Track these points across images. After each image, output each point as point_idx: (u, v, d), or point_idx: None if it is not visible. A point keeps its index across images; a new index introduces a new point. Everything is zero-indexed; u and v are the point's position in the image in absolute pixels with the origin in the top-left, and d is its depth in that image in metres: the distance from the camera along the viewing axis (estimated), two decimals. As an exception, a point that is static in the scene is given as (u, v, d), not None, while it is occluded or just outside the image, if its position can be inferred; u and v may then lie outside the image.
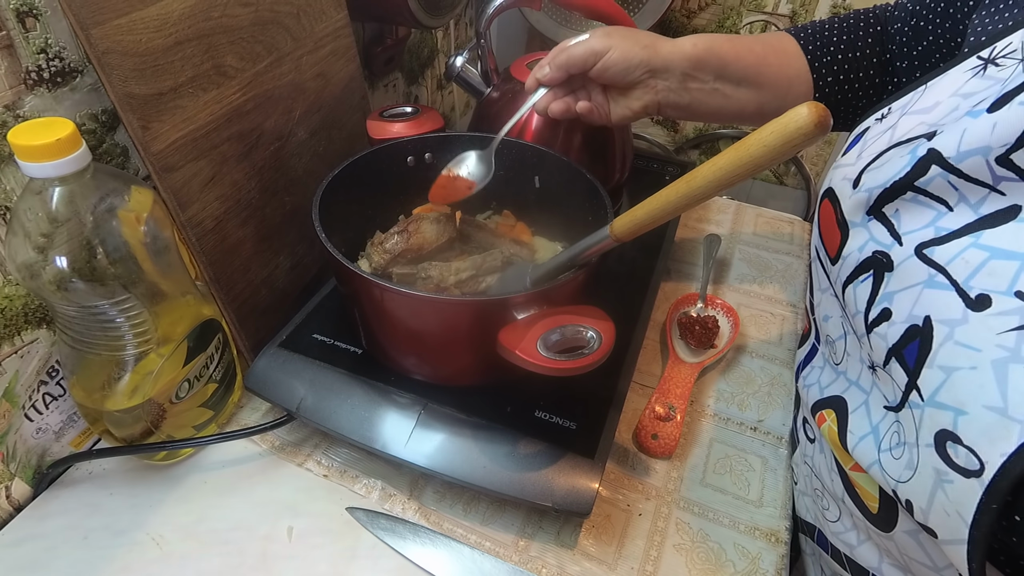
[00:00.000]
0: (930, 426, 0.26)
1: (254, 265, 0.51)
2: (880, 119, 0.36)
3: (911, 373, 0.28)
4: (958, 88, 0.31)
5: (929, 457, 0.26)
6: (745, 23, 0.94)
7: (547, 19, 0.85)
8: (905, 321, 0.29)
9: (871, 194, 0.32)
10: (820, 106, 0.28)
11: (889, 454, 0.30)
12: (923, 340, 0.27)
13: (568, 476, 0.41)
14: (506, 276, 0.48)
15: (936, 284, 0.28)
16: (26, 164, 0.34)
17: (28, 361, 0.43)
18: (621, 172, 0.62)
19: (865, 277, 0.32)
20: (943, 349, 0.26)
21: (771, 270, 0.69)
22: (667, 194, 0.35)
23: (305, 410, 0.45)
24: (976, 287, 0.26)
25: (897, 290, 0.30)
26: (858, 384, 0.35)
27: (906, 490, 0.28)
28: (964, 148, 0.27)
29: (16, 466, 0.44)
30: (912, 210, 0.30)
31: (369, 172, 0.51)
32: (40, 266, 0.36)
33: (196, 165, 0.44)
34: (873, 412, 0.33)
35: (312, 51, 0.55)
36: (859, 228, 0.33)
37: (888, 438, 0.31)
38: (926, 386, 0.27)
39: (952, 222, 0.28)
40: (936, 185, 0.29)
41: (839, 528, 0.41)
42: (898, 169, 0.30)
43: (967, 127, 0.27)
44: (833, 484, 0.39)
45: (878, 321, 0.30)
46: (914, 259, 0.29)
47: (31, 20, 0.38)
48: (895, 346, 0.29)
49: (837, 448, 0.37)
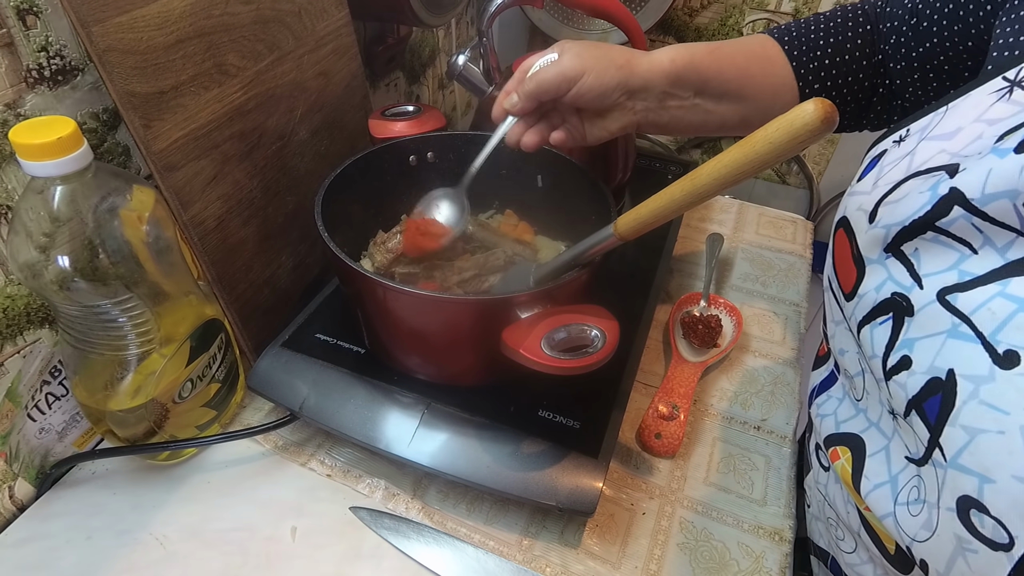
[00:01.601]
0: (952, 489, 0.25)
1: (256, 265, 0.51)
2: (898, 142, 0.33)
3: (932, 429, 0.26)
4: (982, 113, 0.28)
5: (950, 522, 0.25)
6: (748, 21, 0.93)
7: (549, 17, 0.85)
8: (926, 372, 0.27)
9: (888, 231, 0.30)
10: (827, 102, 0.27)
11: (906, 509, 0.28)
12: (945, 395, 0.26)
13: (572, 475, 0.41)
14: (509, 275, 0.48)
15: (960, 335, 0.26)
16: (28, 163, 0.34)
17: (31, 361, 0.43)
18: (624, 172, 0.62)
19: (884, 320, 0.30)
20: (967, 408, 0.25)
21: (774, 269, 0.69)
22: (671, 192, 0.35)
23: (308, 410, 0.45)
24: (1004, 342, 0.24)
25: (918, 337, 0.28)
26: (879, 427, 0.33)
27: (922, 550, 0.27)
28: (990, 190, 0.25)
29: (19, 466, 0.44)
30: (933, 250, 0.28)
31: (371, 171, 0.51)
32: (42, 266, 0.36)
33: (198, 164, 0.44)
34: (893, 461, 0.31)
35: (313, 50, 0.55)
36: (876, 265, 0.31)
37: (907, 492, 0.29)
38: (948, 446, 0.25)
39: (977, 266, 0.26)
40: (959, 227, 0.27)
41: (855, 560, 0.39)
42: (918, 207, 0.28)
43: (992, 167, 0.25)
44: (849, 517, 0.37)
45: (897, 369, 0.29)
46: (936, 305, 0.27)
47: (31, 18, 0.38)
48: (915, 398, 0.27)
49: (850, 490, 0.35)
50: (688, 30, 0.98)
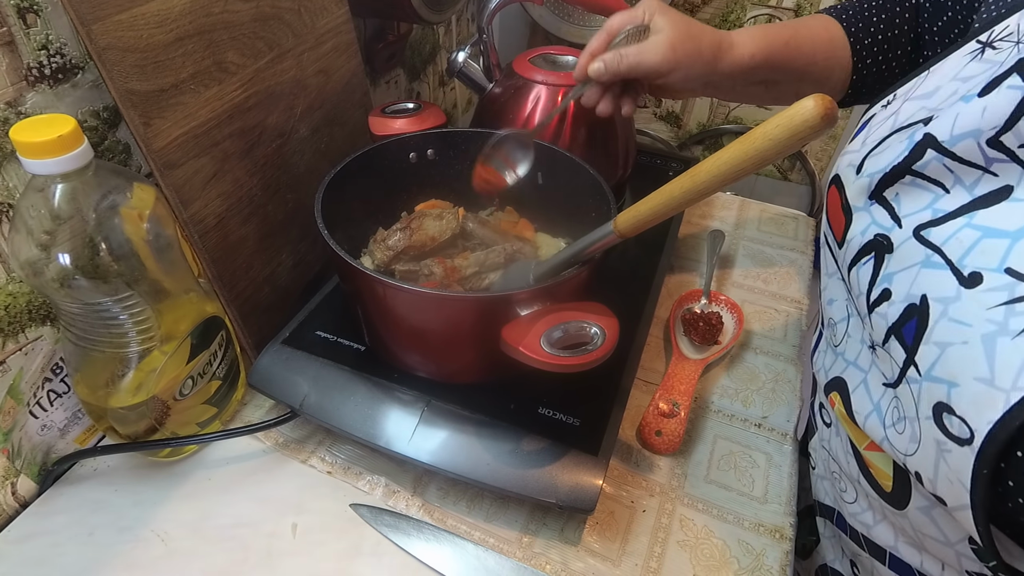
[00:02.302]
0: (928, 399, 0.27)
1: (256, 263, 0.51)
2: (885, 106, 0.36)
3: (909, 350, 0.29)
4: (958, 72, 0.31)
5: (930, 429, 0.27)
6: (749, 16, 0.93)
7: (549, 14, 0.85)
8: (904, 300, 0.30)
9: (872, 179, 0.33)
10: (826, 99, 0.28)
11: (893, 429, 0.31)
12: (920, 318, 0.28)
13: (572, 473, 0.41)
14: (509, 273, 0.48)
15: (932, 264, 0.29)
16: (28, 161, 0.34)
17: (32, 358, 0.43)
18: (624, 168, 0.62)
19: (867, 260, 0.33)
20: (938, 326, 0.27)
21: (775, 266, 0.69)
22: (671, 189, 0.35)
23: (309, 407, 0.45)
24: (969, 265, 0.27)
25: (896, 271, 0.31)
26: (856, 364, 0.36)
27: (914, 462, 0.29)
28: (957, 132, 0.28)
29: (21, 463, 0.44)
30: (911, 193, 0.31)
31: (371, 169, 0.51)
32: (43, 263, 0.36)
33: (198, 162, 0.44)
34: (872, 390, 0.34)
35: (313, 47, 0.54)
36: (862, 212, 0.34)
37: (890, 414, 0.31)
38: (923, 362, 0.28)
39: (948, 204, 0.29)
40: (933, 168, 0.30)
41: (856, 509, 0.42)
42: (897, 154, 0.31)
43: (960, 111, 0.28)
44: (849, 466, 0.40)
45: (879, 301, 0.31)
46: (912, 241, 0.30)
47: (32, 16, 0.38)
48: (894, 325, 0.30)
49: (851, 427, 0.37)
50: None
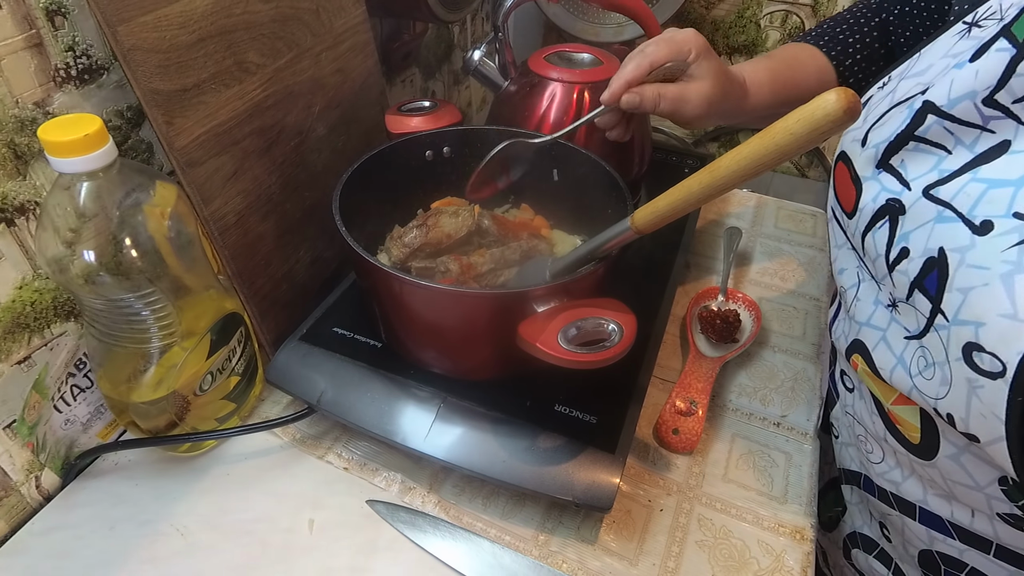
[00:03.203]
0: (956, 342, 0.29)
1: (275, 259, 0.51)
2: (882, 87, 0.39)
3: (934, 300, 0.31)
4: (947, 50, 0.34)
5: (960, 370, 0.29)
6: (765, 13, 0.92)
7: (564, 12, 0.85)
8: (922, 255, 0.31)
9: (878, 149, 0.35)
10: (849, 92, 0.27)
11: (921, 377, 0.32)
12: (940, 269, 0.30)
13: (588, 470, 0.41)
14: (525, 269, 0.48)
15: (945, 218, 0.30)
16: (56, 160, 0.34)
17: (57, 354, 0.44)
18: (640, 166, 0.61)
19: (882, 224, 0.35)
20: (958, 273, 0.29)
21: (793, 263, 0.68)
22: (689, 184, 0.35)
23: (326, 403, 0.46)
24: (979, 215, 0.29)
25: (911, 229, 0.32)
26: (869, 324, 0.38)
27: (945, 405, 0.31)
28: (954, 95, 0.31)
29: (46, 456, 0.45)
30: (916, 158, 0.33)
31: (388, 166, 0.51)
32: (68, 260, 0.37)
33: (219, 160, 0.45)
34: (893, 345, 0.35)
35: (331, 47, 0.55)
36: (871, 181, 0.36)
37: (915, 364, 0.33)
38: (949, 308, 0.30)
39: (952, 163, 0.31)
40: (934, 132, 0.32)
41: (884, 468, 0.43)
42: (899, 123, 0.34)
43: (954, 77, 0.31)
44: (875, 425, 0.41)
45: (898, 260, 0.33)
46: (923, 200, 0.32)
47: (59, 18, 0.39)
48: (916, 278, 0.32)
49: (877, 383, 0.39)
50: (705, 23, 0.96)
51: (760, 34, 0.94)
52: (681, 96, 0.45)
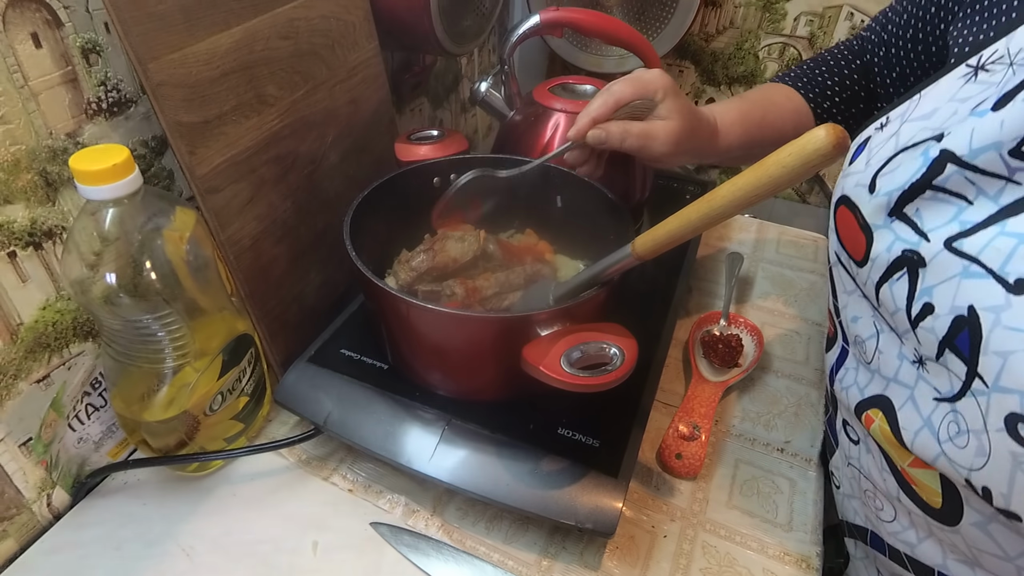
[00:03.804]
0: (998, 411, 0.27)
1: (286, 282, 0.53)
2: (880, 128, 0.37)
3: (968, 362, 0.29)
4: (953, 94, 0.33)
5: (1003, 441, 0.27)
6: (763, 45, 0.95)
7: (568, 44, 0.88)
8: (949, 313, 0.30)
9: (890, 197, 0.33)
10: (838, 128, 0.29)
11: (951, 444, 0.30)
12: (972, 329, 0.28)
13: (591, 495, 0.41)
14: (529, 293, 0.49)
15: (973, 274, 0.29)
16: (85, 187, 0.36)
17: (75, 373, 0.45)
18: (642, 191, 0.63)
19: (899, 276, 0.33)
20: (994, 335, 0.27)
21: (795, 288, 0.69)
22: (688, 213, 0.36)
23: (332, 424, 0.46)
24: (1013, 272, 0.27)
25: (935, 284, 0.31)
26: (897, 380, 0.36)
27: (981, 477, 0.29)
28: (976, 145, 0.29)
29: (58, 474, 0.46)
30: (933, 208, 0.32)
31: (397, 193, 0.53)
32: (90, 282, 0.38)
33: (236, 187, 0.47)
34: (921, 406, 0.33)
35: (345, 79, 0.57)
36: (883, 230, 0.34)
37: (945, 429, 0.31)
38: (988, 373, 0.28)
39: (975, 215, 0.30)
40: (954, 182, 0.31)
41: (896, 528, 0.40)
42: (914, 171, 0.32)
43: (975, 126, 0.29)
44: (886, 484, 0.39)
45: (922, 315, 0.31)
46: (945, 253, 0.30)
47: (94, 56, 0.41)
48: (946, 337, 0.30)
49: (893, 446, 0.36)
50: (704, 54, 0.99)
51: (759, 65, 0.96)
52: (647, 133, 0.46)
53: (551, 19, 0.57)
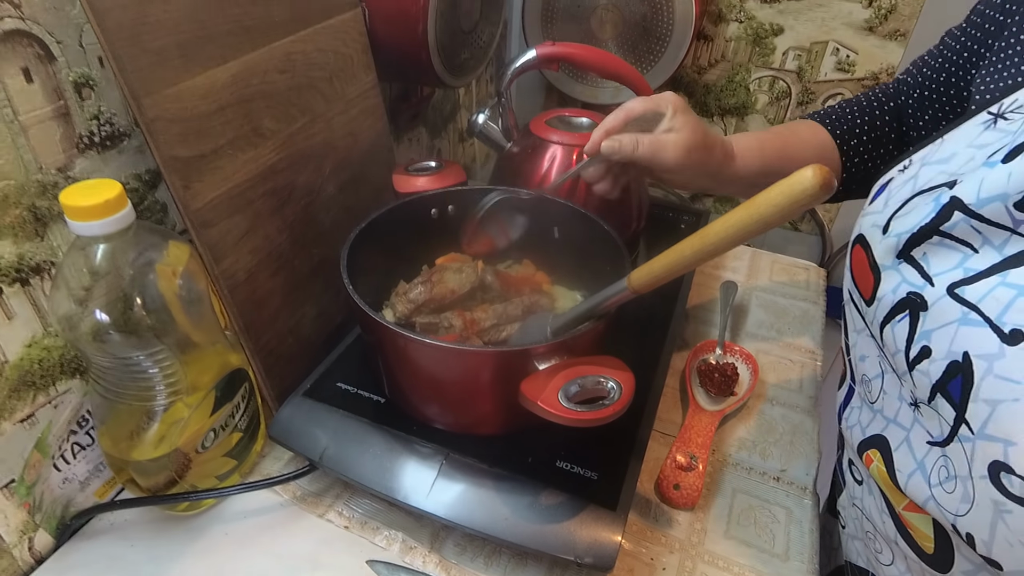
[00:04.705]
0: (982, 458, 0.28)
1: (282, 315, 0.52)
2: (902, 170, 0.38)
3: (958, 408, 0.29)
4: (972, 140, 0.33)
5: (985, 489, 0.27)
6: (754, 78, 0.98)
7: (564, 76, 0.90)
8: (945, 358, 0.30)
9: (900, 239, 0.34)
10: (824, 169, 0.30)
11: (941, 488, 0.31)
12: (965, 375, 0.29)
13: (590, 528, 0.41)
14: (527, 325, 0.49)
15: (970, 321, 0.29)
16: (75, 223, 0.35)
17: (61, 411, 0.44)
18: (638, 221, 0.64)
19: (902, 317, 0.34)
20: (985, 383, 0.28)
21: (788, 316, 0.69)
22: (682, 248, 0.37)
23: (328, 460, 0.46)
24: (1009, 323, 0.28)
25: (933, 328, 0.31)
26: (896, 422, 0.36)
27: (965, 524, 0.29)
28: (984, 195, 0.30)
29: (41, 517, 0.44)
30: (939, 253, 0.32)
31: (394, 224, 0.53)
32: (79, 318, 0.37)
33: (232, 221, 0.46)
34: (916, 448, 0.34)
35: (343, 111, 0.58)
36: (891, 271, 0.35)
37: (936, 473, 0.31)
38: (975, 420, 0.28)
39: (979, 263, 0.30)
40: (960, 229, 0.31)
41: (894, 572, 0.40)
42: (924, 215, 0.33)
43: (985, 176, 0.30)
44: (885, 526, 0.39)
45: (919, 359, 0.32)
46: (947, 298, 0.31)
47: (87, 90, 0.41)
48: (938, 382, 0.30)
49: (889, 488, 0.37)
50: (698, 86, 1.02)
51: (750, 97, 0.99)
52: (658, 141, 0.47)
53: (547, 54, 0.58)
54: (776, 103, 0.99)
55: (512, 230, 0.56)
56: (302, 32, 0.52)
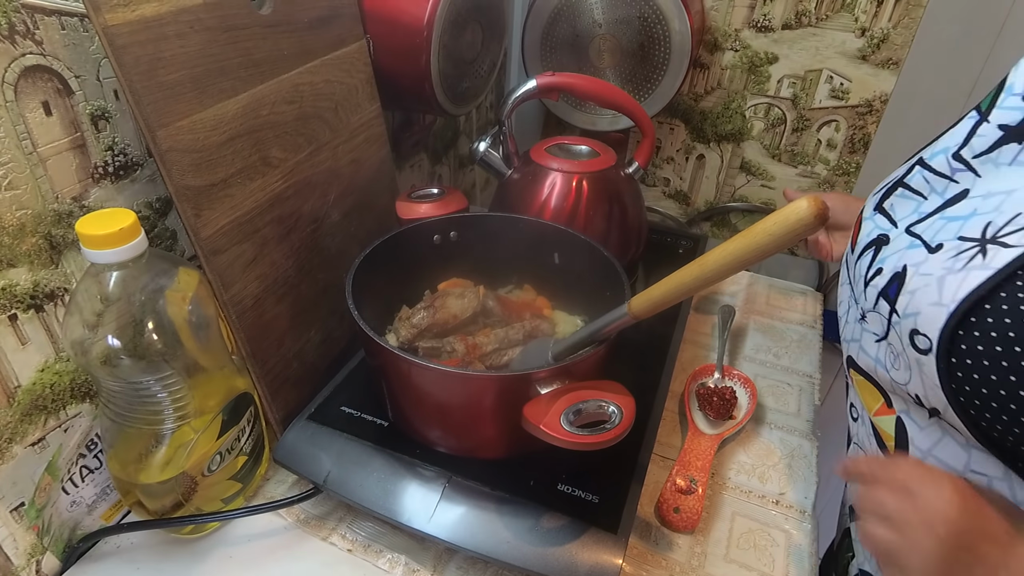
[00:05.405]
0: (905, 331, 0.35)
1: (288, 339, 0.53)
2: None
3: (892, 302, 0.36)
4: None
5: (911, 353, 0.35)
6: (749, 105, 1.00)
7: (563, 105, 0.92)
8: (890, 271, 0.37)
9: (878, 195, 0.43)
10: (819, 200, 0.31)
11: (894, 369, 0.38)
12: (900, 281, 0.36)
13: (591, 551, 0.41)
14: (528, 349, 0.50)
15: (913, 245, 0.37)
16: (90, 251, 0.36)
17: (71, 435, 0.45)
18: (637, 246, 0.65)
19: (869, 251, 0.41)
20: (911, 281, 0.35)
21: (786, 340, 0.70)
22: (681, 275, 0.38)
23: (332, 483, 0.46)
24: (935, 240, 0.35)
25: (888, 255, 0.39)
26: (852, 339, 0.44)
27: (912, 388, 0.36)
28: (936, 150, 0.39)
29: (49, 540, 0.44)
30: (902, 203, 0.40)
31: (398, 250, 0.54)
32: (90, 343, 0.38)
33: (240, 248, 0.48)
34: (867, 348, 0.41)
35: (347, 140, 0.59)
36: (868, 221, 0.43)
37: (887, 359, 0.39)
38: (901, 307, 0.36)
39: (927, 207, 0.38)
40: (916, 181, 0.40)
41: None
42: (897, 174, 0.42)
43: (948, 144, 0.38)
44: (870, 444, 0.44)
45: (873, 277, 0.39)
46: (904, 234, 0.39)
47: (103, 122, 0.43)
48: (883, 290, 0.38)
49: (865, 387, 0.43)
50: (694, 113, 1.04)
51: (746, 124, 1.01)
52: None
53: (547, 84, 0.60)
54: (772, 130, 1.01)
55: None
56: (310, 64, 0.54)
